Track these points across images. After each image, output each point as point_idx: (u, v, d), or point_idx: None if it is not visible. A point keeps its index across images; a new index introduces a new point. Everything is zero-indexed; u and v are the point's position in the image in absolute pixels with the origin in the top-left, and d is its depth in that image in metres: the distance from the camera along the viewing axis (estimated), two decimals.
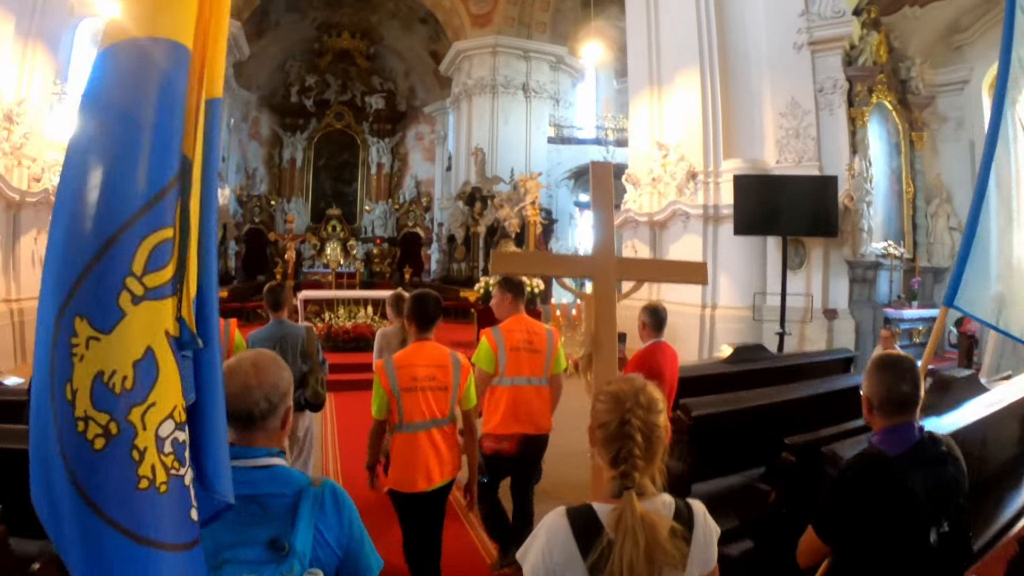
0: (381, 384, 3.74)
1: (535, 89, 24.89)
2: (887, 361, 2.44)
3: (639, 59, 16.02)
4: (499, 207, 20.66)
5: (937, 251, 15.05)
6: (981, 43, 14.75)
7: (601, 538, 1.68)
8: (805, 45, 12.81)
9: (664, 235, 14.91)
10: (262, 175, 26.79)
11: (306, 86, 27.22)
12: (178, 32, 1.45)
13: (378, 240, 27.00)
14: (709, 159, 13.64)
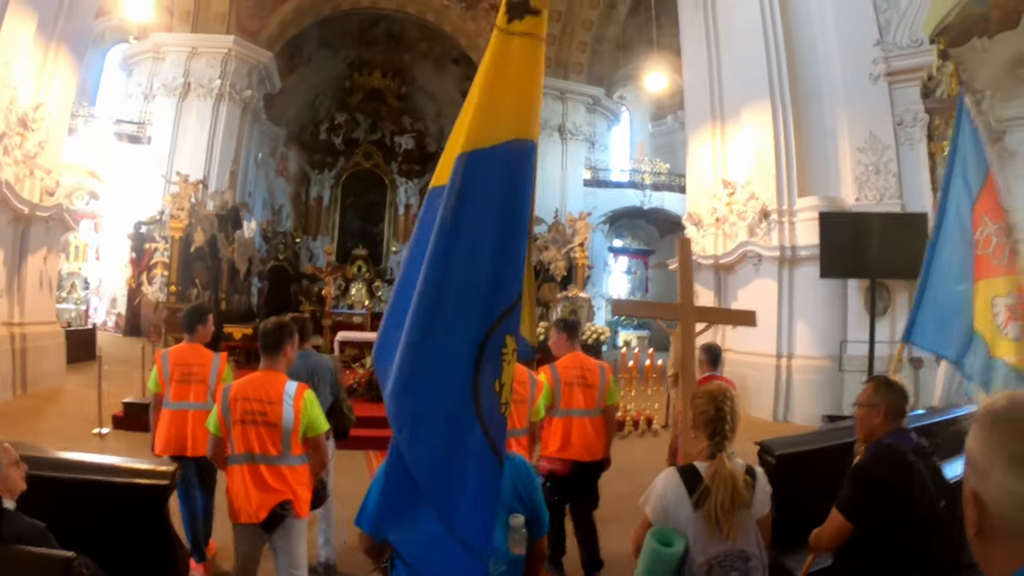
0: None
1: (571, 131, 25.02)
2: (892, 384, 3.30)
3: (698, 94, 15.88)
4: (544, 248, 20.41)
5: None
6: None
7: (701, 484, 2.70)
8: (882, 76, 12.69)
9: (731, 279, 14.54)
10: (288, 212, 26.72)
11: (335, 124, 27.23)
12: (530, 130, 2.24)
13: None
14: (783, 197, 13.35)
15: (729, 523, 2.64)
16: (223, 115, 20.08)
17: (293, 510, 3.81)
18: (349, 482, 6.71)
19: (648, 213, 27.74)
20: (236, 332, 15.31)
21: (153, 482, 3.67)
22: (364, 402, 11.44)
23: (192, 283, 16.21)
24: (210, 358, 5.25)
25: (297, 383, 3.89)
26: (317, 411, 3.88)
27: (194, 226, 16.10)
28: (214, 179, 19.28)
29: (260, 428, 3.76)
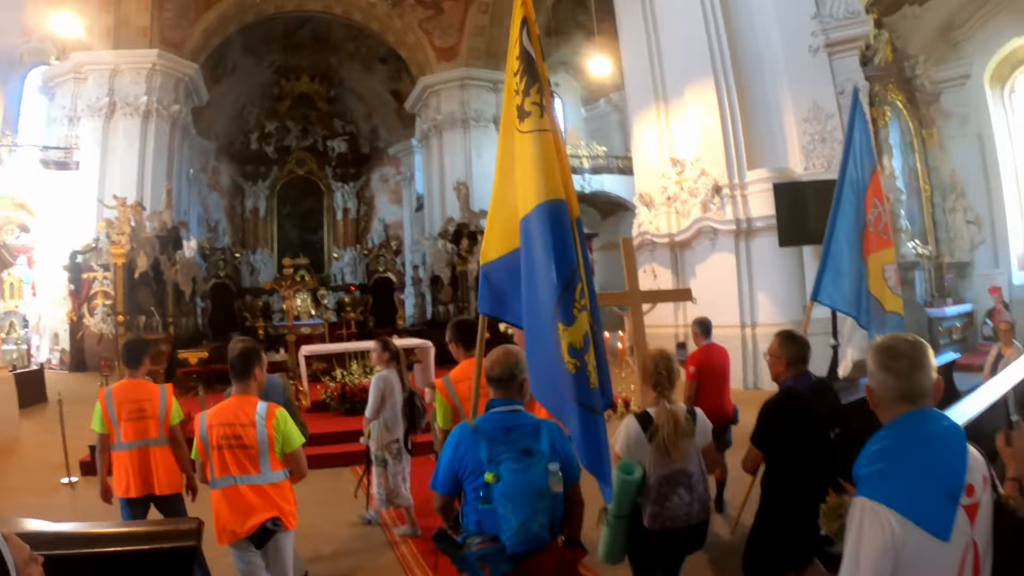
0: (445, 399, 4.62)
1: None
2: (794, 336, 4.18)
3: (640, 76, 16.18)
4: None
5: (958, 246, 15.63)
6: (979, 37, 15.65)
7: (652, 423, 3.69)
8: (821, 48, 13.16)
9: (687, 255, 14.86)
10: (224, 227, 26.36)
11: (266, 132, 27.02)
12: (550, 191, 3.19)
13: (352, 287, 26.61)
14: (733, 171, 13.74)
15: (675, 449, 3.65)
16: (152, 133, 19.62)
17: (283, 525, 4.01)
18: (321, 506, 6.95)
19: (589, 197, 28.01)
20: (191, 357, 14.98)
21: (179, 544, 3.56)
22: (337, 416, 11.36)
23: (139, 310, 15.83)
24: (157, 392, 5.22)
25: (268, 403, 4.07)
26: (290, 427, 4.06)
27: (136, 251, 15.71)
28: (149, 199, 18.75)
29: (236, 451, 3.95)
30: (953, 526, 1.93)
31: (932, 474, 1.99)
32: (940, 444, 2.06)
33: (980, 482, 2.04)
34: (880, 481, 2.01)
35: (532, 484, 2.98)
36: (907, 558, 1.91)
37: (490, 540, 2.99)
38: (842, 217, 5.77)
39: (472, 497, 3.07)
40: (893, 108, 14.47)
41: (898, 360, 2.16)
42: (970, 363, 12.31)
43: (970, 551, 1.98)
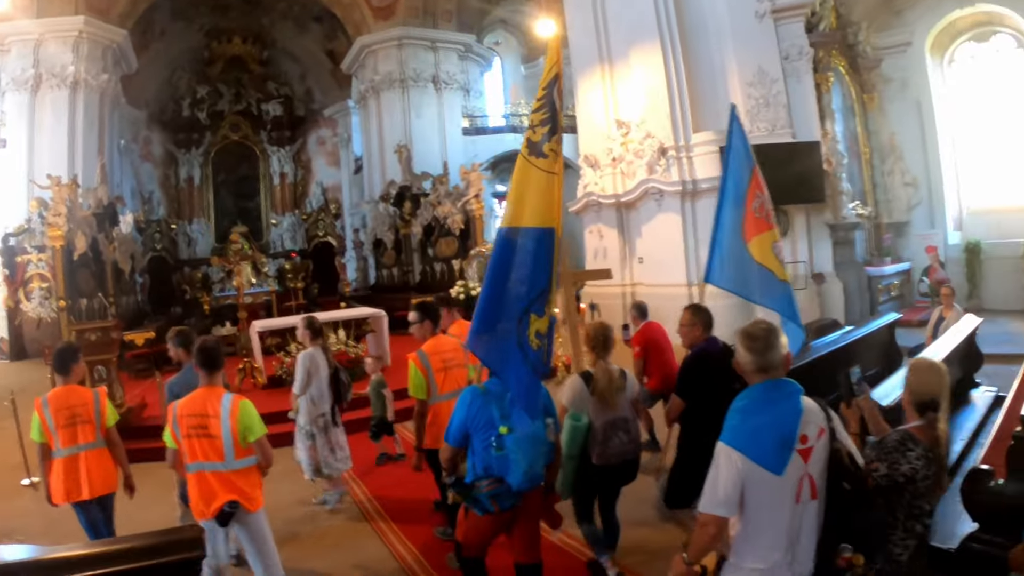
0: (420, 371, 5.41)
1: (445, 80, 24.92)
2: (701, 308, 5.34)
3: (585, 37, 16.27)
4: (437, 204, 20.58)
5: (896, 207, 16.32)
6: (921, 6, 16.19)
7: (593, 380, 4.73)
8: (768, 13, 13.46)
9: (633, 215, 15.19)
10: (159, 198, 25.79)
11: (197, 98, 26.30)
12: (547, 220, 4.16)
13: (292, 254, 26.38)
14: (679, 134, 14.00)
15: (612, 400, 4.74)
16: (81, 104, 18.93)
17: (242, 507, 4.38)
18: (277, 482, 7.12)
19: None
20: (137, 339, 14.46)
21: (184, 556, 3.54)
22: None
23: (80, 293, 15.40)
24: (91, 397, 5.40)
25: (233, 396, 4.43)
26: (253, 418, 4.41)
27: (73, 231, 15.25)
28: (81, 175, 18.15)
29: (203, 440, 4.34)
30: (787, 465, 2.78)
31: (772, 428, 2.82)
32: (781, 405, 2.89)
33: (815, 432, 2.88)
34: (734, 432, 2.86)
35: (536, 434, 3.93)
36: (751, 485, 2.78)
37: (497, 481, 3.84)
38: (725, 211, 6.42)
39: (483, 447, 3.90)
40: (836, 73, 14.91)
41: (755, 342, 2.95)
42: (908, 319, 12.97)
43: (806, 480, 2.83)
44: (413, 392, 5.45)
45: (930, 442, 3.30)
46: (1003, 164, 16.32)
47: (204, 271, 24.76)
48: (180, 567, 3.45)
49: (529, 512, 4.07)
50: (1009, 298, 15.02)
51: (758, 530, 2.85)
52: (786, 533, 2.82)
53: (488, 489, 3.84)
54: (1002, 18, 15.59)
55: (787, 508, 2.81)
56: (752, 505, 2.82)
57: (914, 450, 3.24)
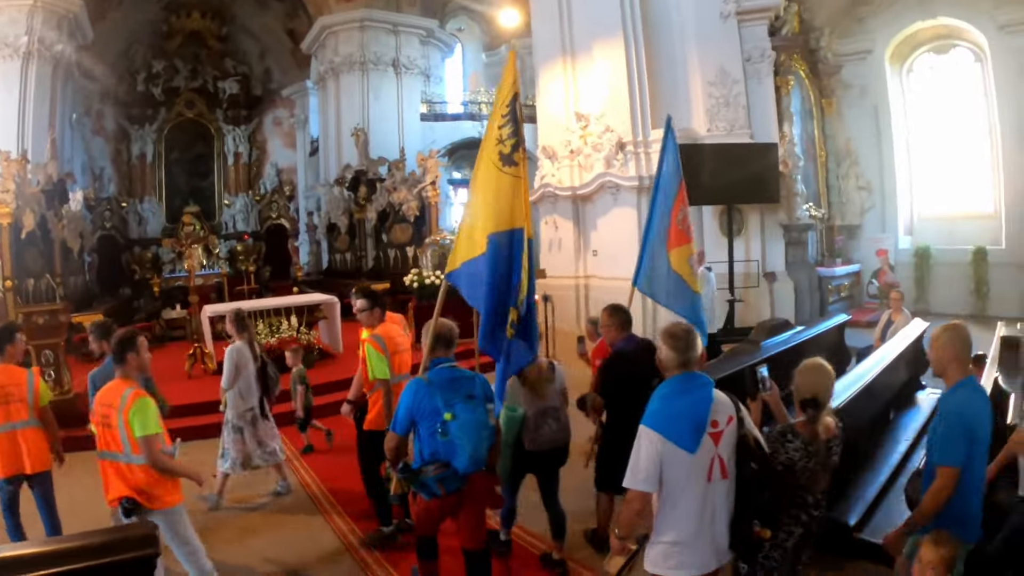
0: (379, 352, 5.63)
1: (406, 65, 24.87)
2: (618, 306, 5.60)
3: (548, 28, 16.32)
4: (392, 190, 20.52)
5: (849, 210, 16.75)
6: (883, 15, 16.62)
7: (522, 372, 5.08)
8: (732, 15, 13.60)
9: (589, 209, 15.30)
10: (110, 175, 25.33)
11: (153, 73, 25.86)
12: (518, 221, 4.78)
13: (245, 235, 26.10)
14: (638, 129, 14.15)
15: (542, 391, 5.18)
16: (33, 76, 18.23)
17: (141, 506, 4.39)
18: None
19: None
20: (86, 321, 14.20)
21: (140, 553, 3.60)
22: None
23: (27, 273, 14.88)
24: (24, 376, 5.54)
25: (134, 390, 4.44)
26: (144, 416, 4.37)
27: (22, 209, 14.72)
28: (31, 150, 17.48)
29: (105, 430, 4.47)
30: (699, 445, 3.28)
31: (687, 413, 3.34)
32: (696, 394, 3.41)
33: (724, 419, 3.42)
34: (654, 415, 3.36)
35: (479, 420, 4.24)
36: (668, 463, 3.27)
37: (444, 466, 4.15)
38: (655, 221, 6.94)
39: (428, 434, 4.21)
40: (796, 77, 15.17)
41: (678, 341, 3.50)
42: (857, 320, 13.35)
43: (716, 460, 3.33)
44: (378, 374, 5.59)
45: (810, 436, 3.77)
46: (955, 173, 16.90)
47: (154, 251, 24.36)
48: (133, 565, 3.51)
49: (474, 495, 4.37)
50: (957, 303, 15.52)
51: (674, 505, 3.32)
52: (699, 508, 3.31)
53: (435, 473, 4.15)
54: (962, 32, 16.05)
55: (700, 485, 3.30)
56: (669, 481, 3.30)
57: (793, 442, 3.74)
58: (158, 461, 4.38)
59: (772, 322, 9.45)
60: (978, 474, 3.69)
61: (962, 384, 3.71)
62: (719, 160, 12.87)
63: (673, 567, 3.36)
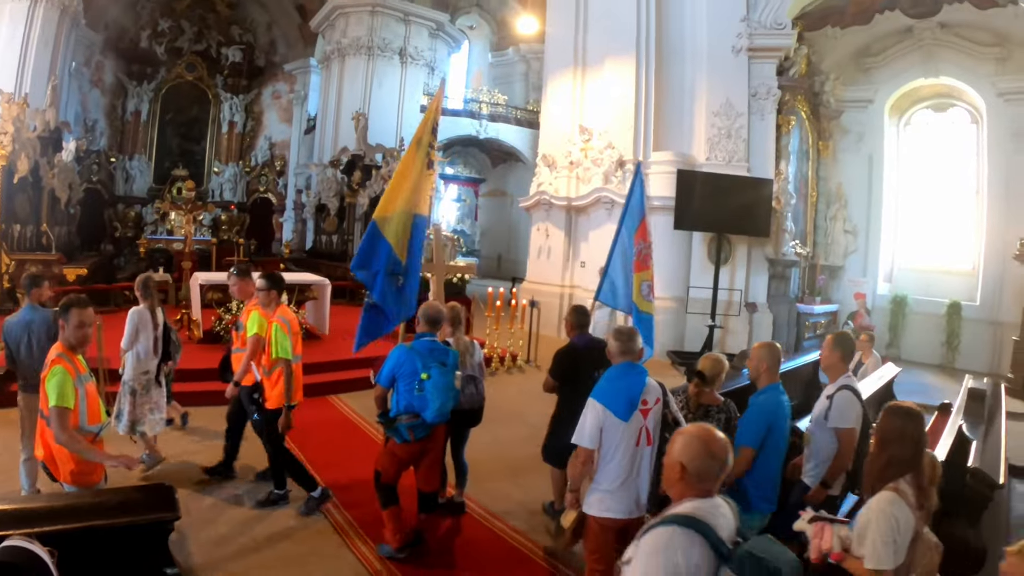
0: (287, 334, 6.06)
1: (412, 55, 25.36)
2: (580, 308, 6.43)
3: (562, 38, 16.89)
4: (387, 178, 20.81)
5: (833, 251, 17.50)
6: (888, 69, 17.49)
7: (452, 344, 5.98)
8: (744, 50, 14.30)
9: (583, 220, 15.88)
10: (102, 128, 25.32)
11: (159, 30, 25.95)
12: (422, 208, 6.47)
13: (232, 205, 26.25)
14: (639, 149, 14.75)
15: (465, 361, 6.07)
16: (39, 18, 18.37)
17: (52, 474, 4.32)
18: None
19: (483, 143, 28.91)
20: (69, 274, 14.48)
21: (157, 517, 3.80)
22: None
23: (15, 219, 14.92)
24: None
25: (55, 357, 4.25)
26: (52, 386, 4.15)
27: (17, 153, 14.79)
28: (30, 93, 17.46)
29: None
30: (631, 416, 4.20)
31: (623, 391, 4.28)
32: (631, 378, 4.38)
33: (653, 399, 4.37)
34: (600, 390, 4.30)
35: (448, 382, 5.31)
36: (606, 427, 4.19)
37: (415, 416, 5.25)
38: (618, 246, 7.88)
39: (406, 389, 5.26)
40: (797, 117, 15.87)
41: (623, 335, 4.53)
42: None
43: (644, 431, 4.26)
44: (280, 353, 5.97)
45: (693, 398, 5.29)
46: (939, 228, 17.69)
47: (138, 210, 24.58)
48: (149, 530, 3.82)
49: (435, 446, 5.60)
50: (927, 352, 16.36)
51: (609, 461, 4.23)
52: (628, 466, 4.22)
53: (407, 422, 5.26)
54: (961, 93, 16.88)
55: (630, 448, 4.23)
56: (607, 442, 4.22)
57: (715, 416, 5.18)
58: (62, 437, 4.11)
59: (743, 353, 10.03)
60: (773, 459, 4.73)
61: (769, 388, 4.81)
62: (714, 189, 13.47)
63: (603, 510, 4.26)
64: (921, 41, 16.79)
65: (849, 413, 4.88)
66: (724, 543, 2.42)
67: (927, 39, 16.67)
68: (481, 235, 33.13)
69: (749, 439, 4.63)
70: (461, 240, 27.93)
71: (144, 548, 3.87)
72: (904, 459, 3.42)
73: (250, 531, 5.72)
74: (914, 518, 3.30)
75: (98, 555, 3.62)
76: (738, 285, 14.34)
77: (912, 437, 3.45)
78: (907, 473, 3.40)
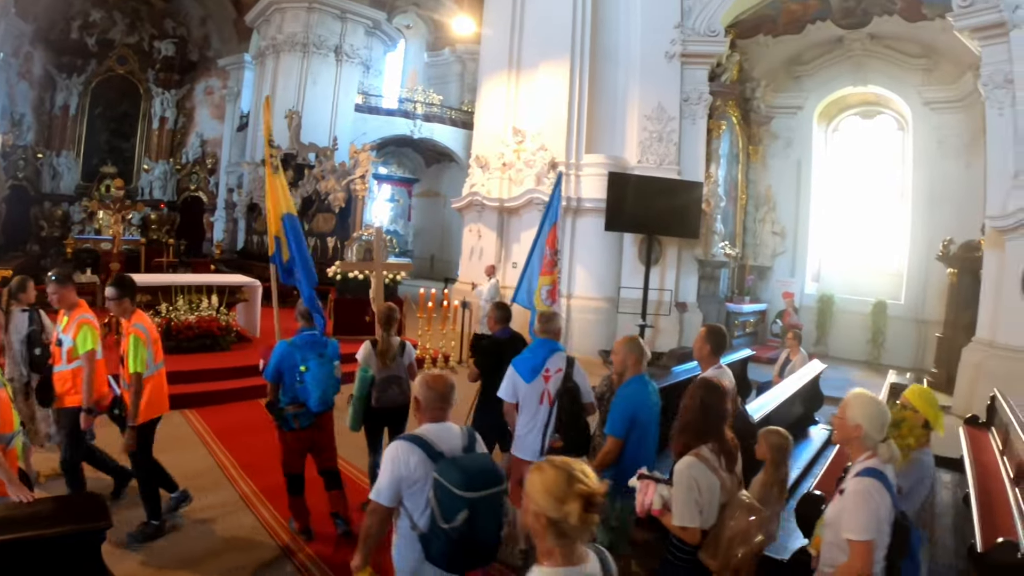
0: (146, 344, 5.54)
1: (348, 53, 25.21)
2: (502, 305, 6.79)
3: (498, 40, 17.04)
4: (320, 178, 20.84)
5: (762, 252, 18.03)
6: (818, 77, 18.14)
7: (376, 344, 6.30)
8: (677, 56, 14.65)
9: (515, 222, 16.08)
10: (30, 123, 24.73)
11: (89, 21, 25.42)
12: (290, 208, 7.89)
13: (162, 204, 26.03)
14: (571, 152, 15.03)
15: (391, 362, 6.23)
16: None
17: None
18: None
19: (417, 143, 28.99)
20: None
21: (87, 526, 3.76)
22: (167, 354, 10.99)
23: None
24: None
25: None
26: None
27: None
28: None
29: None
30: (534, 379, 5.27)
31: (529, 360, 5.37)
32: (541, 351, 5.42)
33: (555, 369, 5.33)
34: (516, 360, 5.42)
35: (327, 372, 5.81)
36: (519, 388, 5.30)
37: (300, 405, 5.77)
38: (535, 251, 8.82)
39: (291, 382, 5.75)
40: (728, 122, 16.40)
41: (544, 316, 5.77)
42: (759, 356, 14.46)
43: (546, 393, 5.27)
44: (138, 367, 5.43)
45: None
46: (865, 230, 18.39)
47: (66, 209, 24.17)
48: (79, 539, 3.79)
49: (324, 430, 6.02)
50: (853, 349, 17.02)
51: (522, 413, 5.34)
52: (532, 419, 5.28)
53: (292, 411, 5.76)
54: (888, 101, 17.57)
55: (534, 405, 5.28)
56: (521, 399, 5.34)
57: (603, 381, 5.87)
58: None
59: (682, 350, 10.39)
60: (644, 447, 4.94)
61: (634, 379, 5.03)
62: (645, 191, 13.79)
63: (518, 450, 5.37)
64: (851, 51, 17.37)
65: None
66: (441, 454, 3.33)
67: (857, 49, 17.26)
68: (414, 235, 33.11)
69: (613, 429, 4.88)
70: (394, 240, 27.83)
71: (77, 558, 3.86)
72: (703, 428, 3.76)
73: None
74: (719, 481, 3.59)
75: (30, 566, 3.61)
76: (668, 285, 14.68)
77: (712, 408, 3.79)
78: (708, 441, 3.72)
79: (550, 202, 9.27)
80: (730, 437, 3.96)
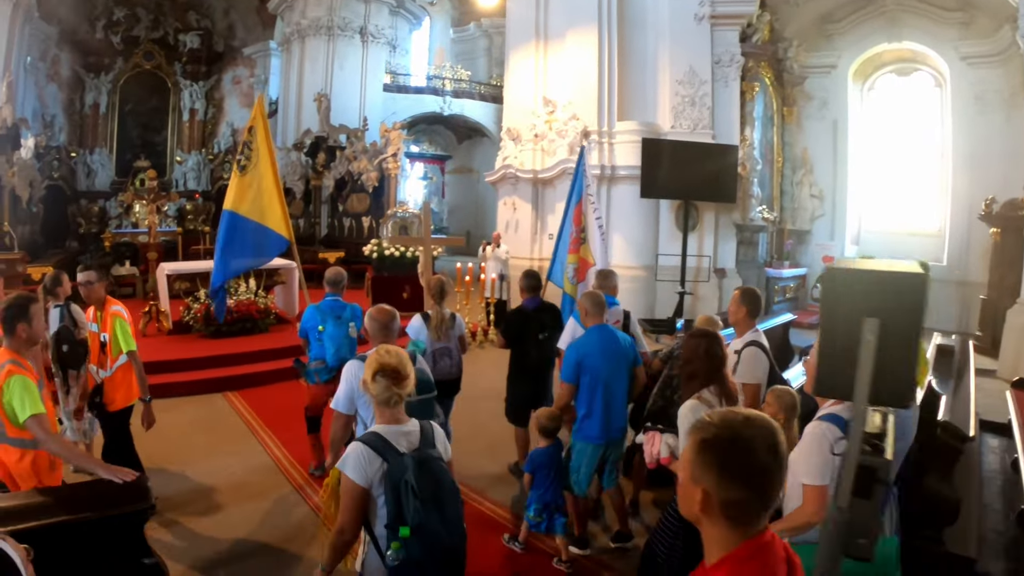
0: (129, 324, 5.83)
1: (373, 34, 25.17)
2: (531, 272, 6.95)
3: (524, 10, 17.03)
4: (353, 159, 20.96)
5: (800, 216, 17.81)
6: (851, 35, 17.74)
7: (429, 318, 6.32)
8: (706, 17, 14.50)
9: (549, 193, 16.06)
10: (61, 123, 24.87)
11: (113, 20, 25.53)
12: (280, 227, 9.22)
13: (196, 195, 26.23)
14: (603, 120, 14.97)
15: (442, 334, 6.28)
16: None
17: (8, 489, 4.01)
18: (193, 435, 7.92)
19: (447, 119, 29.00)
20: (35, 273, 14.51)
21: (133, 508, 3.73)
22: (201, 338, 11.47)
23: None
24: None
25: (8, 364, 3.95)
26: (15, 399, 3.88)
27: None
28: None
29: None
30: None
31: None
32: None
33: (612, 320, 5.73)
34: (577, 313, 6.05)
35: (343, 331, 6.65)
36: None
37: (322, 362, 6.64)
38: (564, 228, 8.99)
39: (314, 340, 6.70)
40: (761, 84, 16.17)
41: (604, 275, 6.82)
42: (800, 321, 14.36)
43: None
44: (131, 345, 5.66)
45: None
46: (904, 190, 18.08)
47: (102, 205, 24.43)
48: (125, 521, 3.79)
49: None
50: None
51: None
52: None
53: (315, 367, 6.66)
54: (925, 57, 17.18)
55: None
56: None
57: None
58: (52, 445, 3.99)
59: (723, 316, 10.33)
60: (599, 391, 5.15)
61: (591, 329, 5.33)
62: (680, 157, 13.70)
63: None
64: (884, 7, 17.03)
65: (756, 369, 5.06)
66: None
67: (890, 5, 16.91)
68: (449, 212, 33.18)
69: (564, 376, 5.26)
70: None
71: (121, 539, 3.87)
72: (703, 372, 4.00)
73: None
74: None
75: (75, 549, 3.60)
76: (706, 251, 14.63)
77: (709, 353, 4.02)
78: (709, 384, 3.98)
79: (575, 179, 9.34)
80: (729, 380, 4.16)
